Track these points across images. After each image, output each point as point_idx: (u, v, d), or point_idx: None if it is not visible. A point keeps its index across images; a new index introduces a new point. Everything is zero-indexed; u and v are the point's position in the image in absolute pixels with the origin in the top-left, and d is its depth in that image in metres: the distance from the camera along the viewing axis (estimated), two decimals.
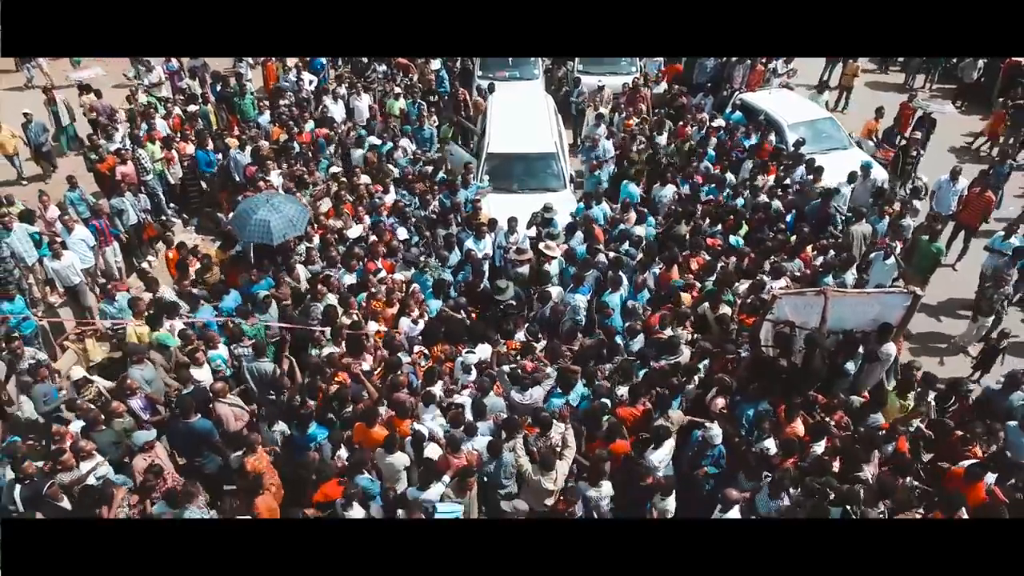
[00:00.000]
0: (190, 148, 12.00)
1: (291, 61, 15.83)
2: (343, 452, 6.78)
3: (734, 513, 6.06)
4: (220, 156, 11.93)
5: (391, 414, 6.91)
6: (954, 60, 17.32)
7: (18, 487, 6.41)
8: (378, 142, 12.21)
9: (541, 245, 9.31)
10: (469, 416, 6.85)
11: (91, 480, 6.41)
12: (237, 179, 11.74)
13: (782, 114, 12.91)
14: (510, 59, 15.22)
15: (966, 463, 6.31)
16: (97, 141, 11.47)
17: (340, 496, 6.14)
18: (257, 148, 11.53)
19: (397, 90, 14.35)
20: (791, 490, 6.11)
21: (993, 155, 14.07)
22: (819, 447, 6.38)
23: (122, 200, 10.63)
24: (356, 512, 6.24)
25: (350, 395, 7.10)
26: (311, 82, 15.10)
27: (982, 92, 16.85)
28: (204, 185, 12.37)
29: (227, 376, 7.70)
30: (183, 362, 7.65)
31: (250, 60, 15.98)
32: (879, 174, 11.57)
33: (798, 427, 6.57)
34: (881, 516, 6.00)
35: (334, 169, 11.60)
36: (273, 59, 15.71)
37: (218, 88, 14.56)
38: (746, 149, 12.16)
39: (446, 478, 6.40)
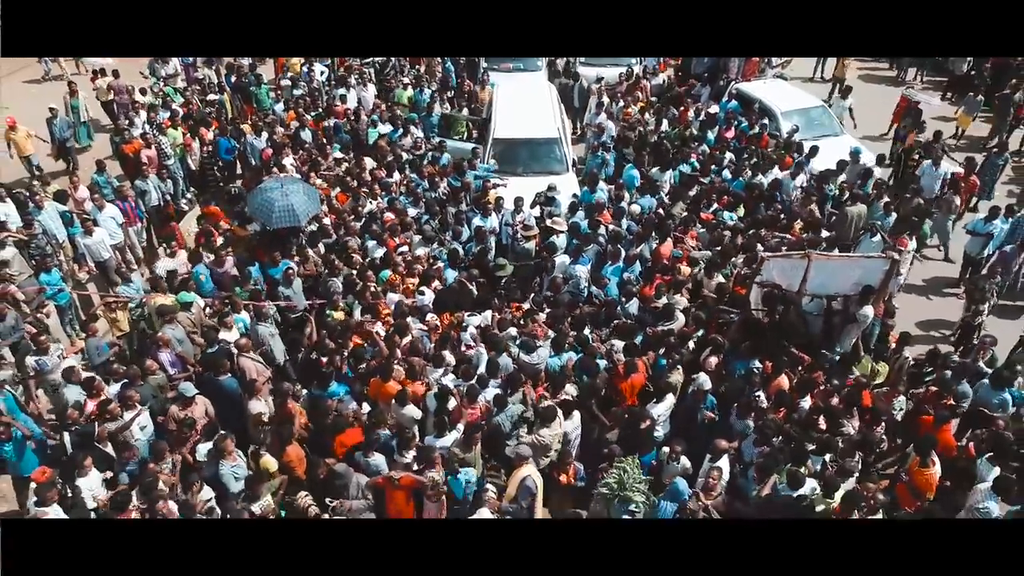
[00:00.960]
0: (210, 135, 12.53)
1: None
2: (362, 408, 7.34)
3: (723, 462, 6.60)
4: (237, 142, 12.46)
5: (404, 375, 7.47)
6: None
7: (67, 434, 6.99)
8: (389, 129, 12.73)
9: (548, 221, 9.86)
10: (482, 370, 7.40)
11: (135, 429, 6.98)
12: (253, 163, 12.30)
13: (776, 102, 13.47)
14: None
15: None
16: (122, 125, 12.00)
17: (362, 441, 6.70)
18: (273, 134, 12.09)
19: (405, 80, 14.90)
20: (775, 439, 6.65)
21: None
22: (805, 403, 6.92)
23: (146, 182, 11.20)
24: (376, 459, 6.78)
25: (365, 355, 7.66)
26: (322, 73, 15.67)
27: (970, 84, 17.36)
28: (220, 169, 12.90)
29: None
30: (212, 325, 8.20)
31: None
32: (867, 159, 12.09)
33: (783, 382, 7.11)
34: (856, 466, 6.54)
35: (337, 155, 12.12)
36: None
37: (232, 79, 15.11)
38: (748, 137, 12.69)
39: (460, 426, 6.95)
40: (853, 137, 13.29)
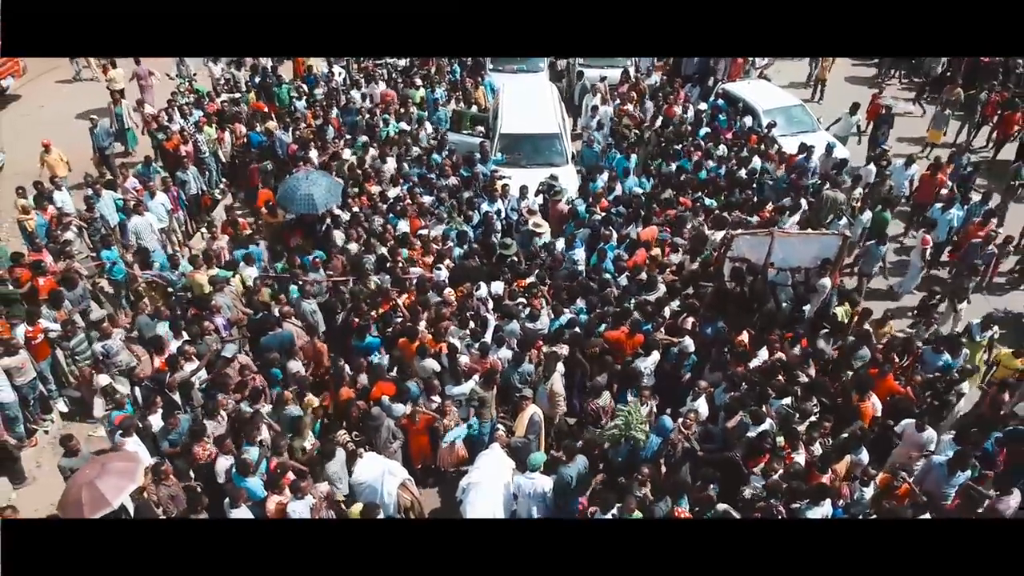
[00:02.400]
0: (242, 129, 13.75)
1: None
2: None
3: (701, 404, 7.80)
4: (267, 138, 13.66)
5: (429, 336, 8.68)
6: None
7: (137, 388, 8.22)
8: (406, 127, 13.93)
9: (531, 223, 10.91)
10: (490, 332, 8.63)
11: (195, 381, 8.22)
12: (280, 155, 13.49)
13: (758, 101, 14.66)
14: None
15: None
16: (163, 122, 13.21)
17: (394, 392, 7.93)
18: (297, 130, 13.32)
19: (418, 81, 16.09)
20: (742, 386, 7.87)
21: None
22: (763, 354, 8.14)
23: (186, 173, 12.42)
24: (399, 407, 7.98)
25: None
26: (340, 73, 16.88)
27: (945, 84, 18.50)
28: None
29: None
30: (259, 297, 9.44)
31: None
32: (840, 152, 13.26)
33: (743, 338, 8.32)
34: (815, 408, 7.73)
35: (347, 154, 13.30)
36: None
37: (256, 80, 16.32)
38: (736, 134, 13.89)
39: (476, 378, 8.17)
40: (829, 133, 14.44)
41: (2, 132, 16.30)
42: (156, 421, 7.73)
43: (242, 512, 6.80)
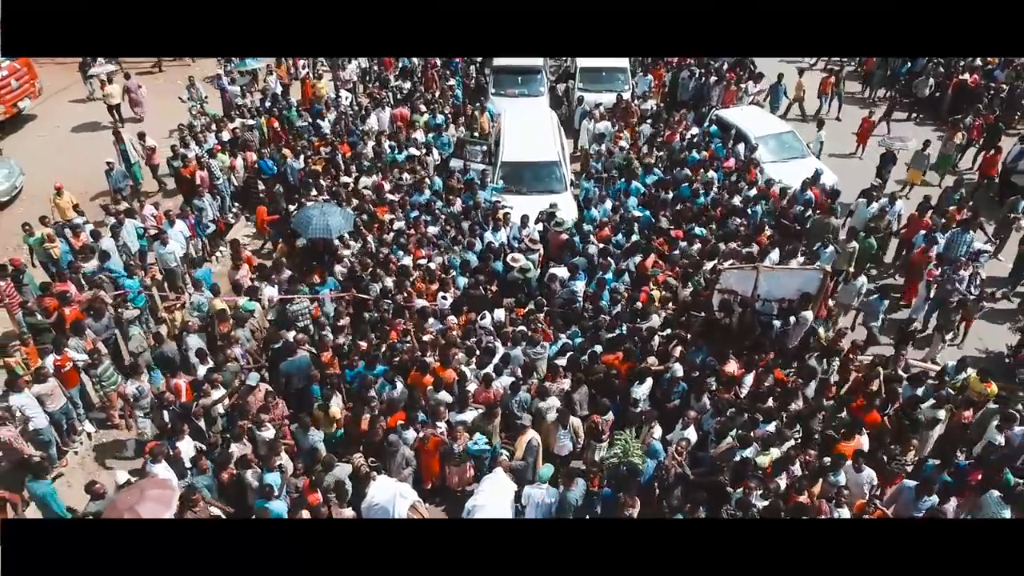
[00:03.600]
0: (253, 156, 14.34)
1: (327, 78, 18.29)
2: (398, 387, 9.11)
3: (690, 432, 8.36)
4: (278, 166, 14.25)
5: (438, 363, 9.24)
6: (908, 75, 19.68)
7: (165, 412, 8.79)
8: (417, 152, 14.55)
9: (509, 258, 11.35)
10: (496, 361, 9.20)
11: (219, 408, 8.80)
12: (291, 182, 14.07)
13: (750, 127, 15.23)
14: (520, 78, 17.59)
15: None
16: (179, 150, 13.80)
17: (404, 420, 8.52)
18: (309, 159, 13.95)
19: (422, 107, 16.67)
20: (728, 411, 8.44)
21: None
22: (748, 379, 8.72)
23: (202, 200, 13.00)
24: (409, 433, 8.56)
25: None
26: (347, 98, 17.48)
27: (933, 105, 19.13)
28: (262, 186, 14.67)
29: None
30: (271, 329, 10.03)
31: (282, 77, 18.35)
32: (828, 179, 13.83)
33: (730, 367, 8.89)
34: (793, 434, 8.30)
35: (346, 178, 13.87)
36: (310, 76, 18.12)
37: (267, 104, 16.92)
38: (736, 162, 14.46)
39: (479, 408, 8.74)
40: (818, 159, 15.03)
41: (20, 153, 16.88)
42: (185, 447, 8.31)
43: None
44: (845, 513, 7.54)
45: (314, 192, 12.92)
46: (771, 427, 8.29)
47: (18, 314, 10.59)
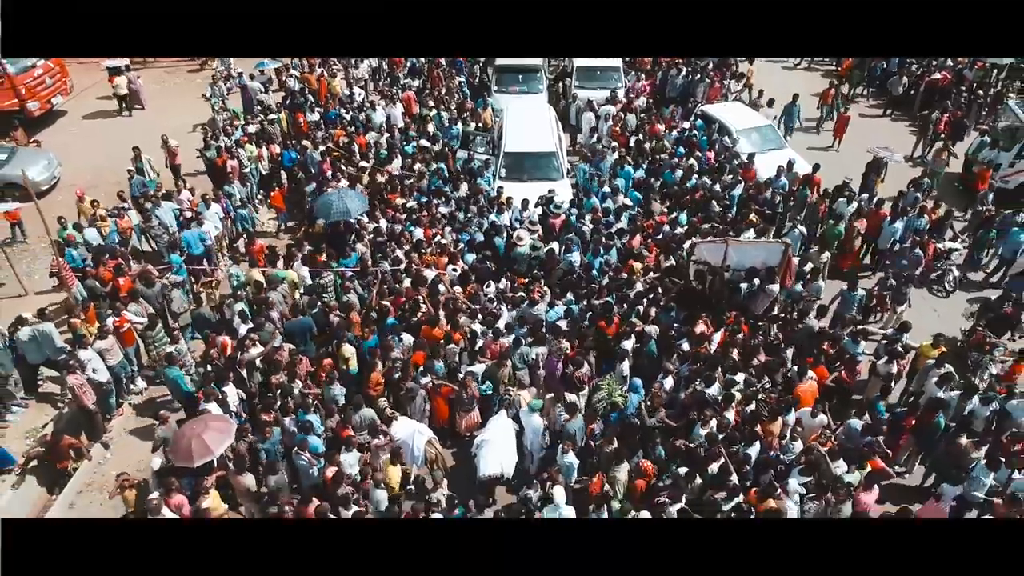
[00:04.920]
0: (276, 148, 15.69)
1: (340, 76, 19.65)
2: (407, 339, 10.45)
3: (668, 381, 9.70)
4: (300, 155, 15.59)
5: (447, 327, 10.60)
6: (883, 75, 21.04)
7: (209, 366, 10.13)
8: (427, 144, 15.89)
9: (515, 236, 12.63)
10: (504, 320, 10.57)
11: (257, 362, 10.15)
12: (312, 171, 15.40)
13: (732, 121, 16.57)
14: (520, 76, 18.95)
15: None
16: (211, 141, 15.14)
17: (423, 360, 9.86)
18: (328, 149, 15.27)
19: (431, 103, 18.03)
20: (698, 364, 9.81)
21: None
22: (716, 337, 10.10)
23: (232, 187, 14.34)
24: (425, 379, 9.88)
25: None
26: (360, 95, 18.84)
27: (908, 103, 20.47)
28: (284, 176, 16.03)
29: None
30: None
31: (296, 75, 19.70)
32: (801, 168, 15.16)
33: (700, 327, 10.25)
34: (764, 383, 9.64)
35: (365, 164, 15.24)
36: (324, 75, 19.46)
37: (288, 100, 18.28)
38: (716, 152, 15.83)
39: (488, 360, 10.08)
40: (793, 149, 16.37)
41: (54, 146, 18.23)
42: (230, 392, 9.66)
43: (304, 459, 8.72)
44: (799, 445, 8.87)
45: (333, 178, 14.26)
46: (739, 376, 9.64)
47: (74, 287, 11.92)
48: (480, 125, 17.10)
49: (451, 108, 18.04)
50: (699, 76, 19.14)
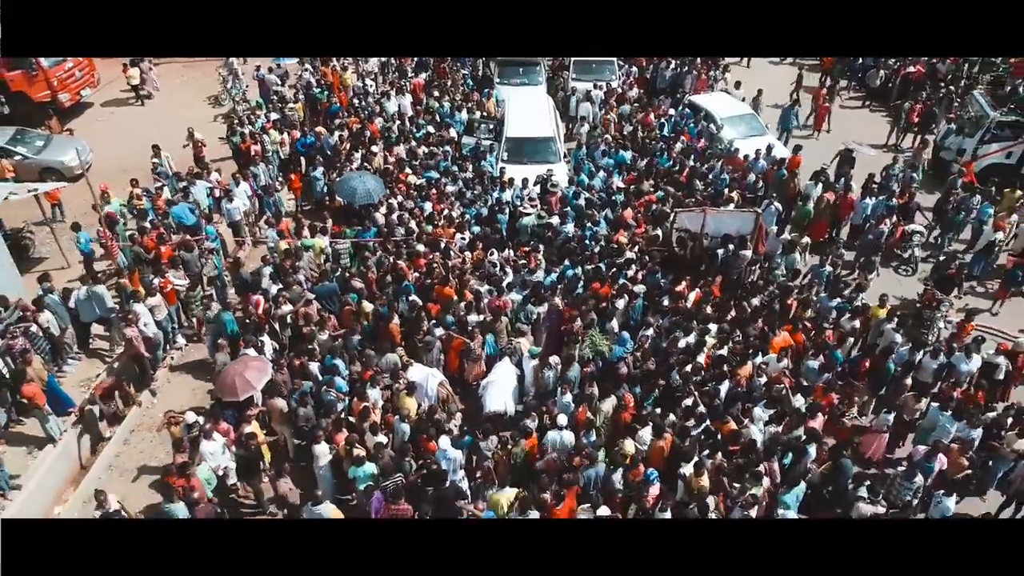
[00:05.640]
0: (296, 134, 17.04)
1: (351, 69, 20.97)
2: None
3: (651, 331, 11.01)
4: (316, 139, 16.91)
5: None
6: (862, 68, 22.37)
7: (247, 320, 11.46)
8: (432, 130, 17.26)
9: (519, 210, 14.10)
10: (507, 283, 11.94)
11: (288, 318, 11.49)
12: (329, 154, 16.71)
13: (717, 110, 17.91)
14: (521, 69, 20.30)
15: None
16: (237, 128, 16.47)
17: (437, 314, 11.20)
18: (342, 136, 16.65)
19: (436, 94, 19.38)
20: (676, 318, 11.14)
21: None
22: (692, 295, 11.45)
23: (257, 168, 15.67)
24: (439, 331, 11.18)
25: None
26: (371, 86, 20.17)
27: (885, 94, 21.78)
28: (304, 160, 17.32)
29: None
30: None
31: (311, 68, 21.00)
32: (779, 151, 16.48)
33: (680, 287, 11.57)
34: (729, 334, 10.95)
35: (376, 149, 16.52)
36: (337, 69, 20.77)
37: (305, 91, 19.64)
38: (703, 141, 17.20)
39: (488, 315, 11.40)
40: (773, 136, 17.70)
41: (84, 135, 19.55)
42: (267, 340, 10.98)
43: (331, 395, 10.02)
44: (763, 380, 10.17)
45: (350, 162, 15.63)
46: (713, 328, 10.96)
47: (119, 255, 13.25)
48: (484, 114, 18.42)
49: (456, 98, 19.36)
50: (687, 69, 20.48)
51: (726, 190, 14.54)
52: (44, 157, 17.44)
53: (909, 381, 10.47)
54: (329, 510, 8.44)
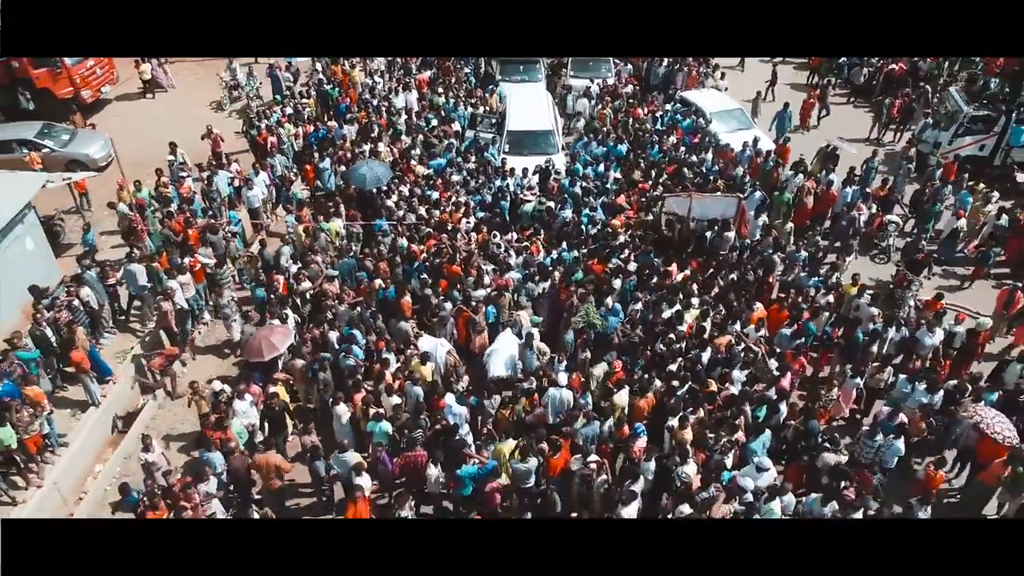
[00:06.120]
0: (310, 128, 18.10)
1: (359, 68, 22.01)
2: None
3: (639, 304, 12.05)
4: (328, 132, 17.97)
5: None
6: (848, 66, 23.41)
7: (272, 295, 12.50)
8: (436, 122, 18.35)
9: (522, 196, 15.21)
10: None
11: (307, 294, 12.53)
12: (337, 143, 17.73)
13: (707, 105, 18.97)
14: (522, 67, 21.37)
15: None
16: (255, 122, 17.52)
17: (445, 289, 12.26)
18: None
19: (440, 90, 20.44)
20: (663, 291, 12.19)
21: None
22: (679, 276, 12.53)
23: (274, 159, 16.71)
24: (448, 305, 12.21)
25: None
26: (379, 84, 21.23)
27: (869, 91, 22.81)
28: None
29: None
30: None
31: (321, 67, 22.05)
32: (764, 144, 17.52)
33: (672, 268, 12.64)
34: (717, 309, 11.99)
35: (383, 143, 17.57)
36: (346, 68, 21.82)
37: (315, 90, 20.70)
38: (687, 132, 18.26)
39: (490, 290, 12.44)
40: (760, 129, 18.74)
41: (105, 129, 20.53)
42: (290, 314, 12.03)
43: (350, 361, 11.04)
44: (742, 347, 11.20)
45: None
46: (695, 301, 12.00)
47: (146, 240, 14.30)
48: (487, 109, 19.47)
49: (459, 94, 20.41)
50: (678, 66, 21.55)
51: (712, 178, 15.61)
52: (70, 150, 18.42)
53: (875, 349, 11.49)
54: (354, 457, 9.47)
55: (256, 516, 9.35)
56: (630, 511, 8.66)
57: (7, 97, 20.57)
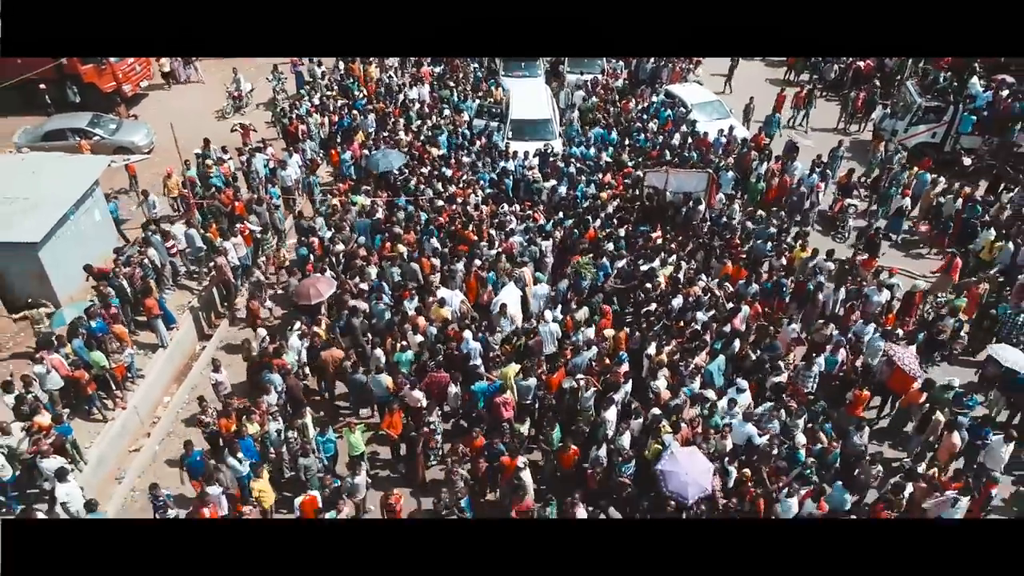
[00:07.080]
0: (335, 117, 20.32)
1: (375, 64, 24.23)
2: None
3: (623, 262, 14.25)
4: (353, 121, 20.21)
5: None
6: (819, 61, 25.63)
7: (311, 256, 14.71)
8: (448, 113, 20.59)
9: (528, 175, 17.46)
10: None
11: (341, 256, 14.73)
12: (358, 132, 19.94)
13: (689, 97, 21.22)
14: (523, 64, 23.61)
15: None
16: (287, 112, 19.75)
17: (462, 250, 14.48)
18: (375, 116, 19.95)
19: (452, 84, 22.70)
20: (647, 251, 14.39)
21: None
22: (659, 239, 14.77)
23: (304, 144, 18.91)
24: (459, 266, 14.40)
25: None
26: (389, 78, 23.47)
27: (839, 85, 24.98)
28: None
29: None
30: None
31: (353, 70, 24.22)
32: (740, 132, 19.73)
33: (657, 233, 14.86)
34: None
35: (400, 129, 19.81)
36: (360, 63, 24.02)
37: (338, 83, 22.94)
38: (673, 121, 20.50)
39: (498, 250, 14.65)
40: (736, 120, 20.97)
41: (146, 120, 22.71)
42: (327, 271, 14.24)
43: (382, 305, 13.23)
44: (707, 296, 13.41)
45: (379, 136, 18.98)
46: (672, 258, 14.23)
47: (195, 213, 16.47)
48: (491, 100, 21.71)
49: (467, 88, 22.66)
50: (664, 63, 23.82)
51: (688, 158, 17.87)
52: (118, 138, 20.57)
53: (822, 297, 13.67)
54: (387, 380, 11.66)
55: (309, 418, 11.49)
56: (610, 414, 10.89)
57: (56, 91, 22.67)
